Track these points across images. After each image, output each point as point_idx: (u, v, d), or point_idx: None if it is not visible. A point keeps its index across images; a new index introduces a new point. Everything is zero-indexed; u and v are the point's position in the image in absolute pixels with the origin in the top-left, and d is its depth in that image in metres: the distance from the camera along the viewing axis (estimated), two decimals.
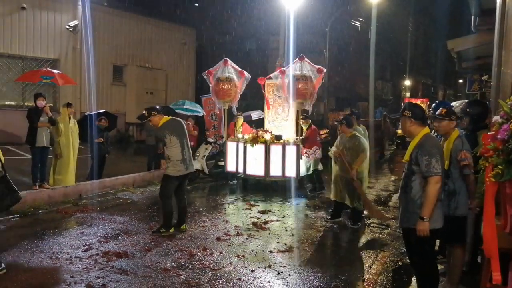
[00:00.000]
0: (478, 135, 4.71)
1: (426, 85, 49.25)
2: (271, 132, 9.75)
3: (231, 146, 10.10)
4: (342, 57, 29.78)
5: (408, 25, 39.87)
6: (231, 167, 10.09)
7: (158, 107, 6.61)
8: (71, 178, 8.57)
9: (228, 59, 10.34)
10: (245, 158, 9.64)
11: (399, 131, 21.57)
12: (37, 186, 7.90)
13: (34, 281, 4.45)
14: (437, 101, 9.83)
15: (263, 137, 9.50)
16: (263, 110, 11.45)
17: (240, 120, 10.76)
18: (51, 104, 8.54)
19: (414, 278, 4.69)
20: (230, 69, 10.19)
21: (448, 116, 4.40)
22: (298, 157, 9.37)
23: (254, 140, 9.48)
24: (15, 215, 6.92)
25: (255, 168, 9.54)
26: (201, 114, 12.41)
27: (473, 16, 8.54)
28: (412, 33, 40.78)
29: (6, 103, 15.10)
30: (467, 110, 4.97)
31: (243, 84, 10.30)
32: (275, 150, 9.40)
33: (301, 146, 9.48)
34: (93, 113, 9.86)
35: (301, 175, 9.57)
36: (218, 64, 10.37)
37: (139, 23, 19.43)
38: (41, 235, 5.95)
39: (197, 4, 25.88)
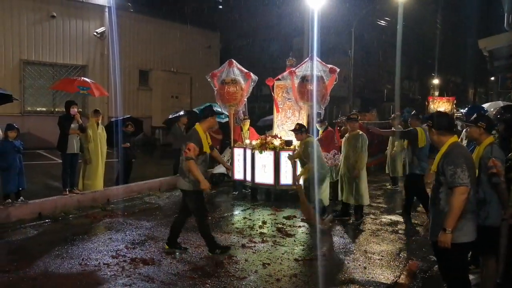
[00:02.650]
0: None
1: (456, 83, 48.09)
2: (280, 138, 9.18)
3: (238, 153, 9.54)
4: (368, 57, 29.41)
5: (436, 22, 38.97)
6: (238, 175, 9.53)
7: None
8: (99, 183, 8.77)
9: (233, 60, 9.72)
10: (253, 165, 9.10)
11: None
12: (67, 191, 8.11)
13: None
14: (469, 105, 9.55)
15: (272, 143, 8.96)
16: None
17: (247, 124, 10.20)
18: (80, 110, 8.74)
19: None
20: (235, 71, 9.58)
21: (475, 122, 4.26)
22: None
23: (263, 147, 8.95)
24: (47, 220, 7.12)
25: (264, 176, 9.00)
26: (223, 121, 12.19)
27: (505, 14, 8.28)
28: (440, 31, 39.84)
29: (38, 109, 15.59)
30: (502, 115, 4.81)
31: (250, 86, 9.65)
32: (286, 156, 8.76)
33: None
34: (119, 118, 10.04)
35: None
36: (223, 65, 9.80)
37: (164, 28, 19.70)
38: (71, 241, 6.09)
39: (220, 7, 26.04)
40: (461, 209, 3.51)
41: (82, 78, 10.09)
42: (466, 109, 6.97)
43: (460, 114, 10.24)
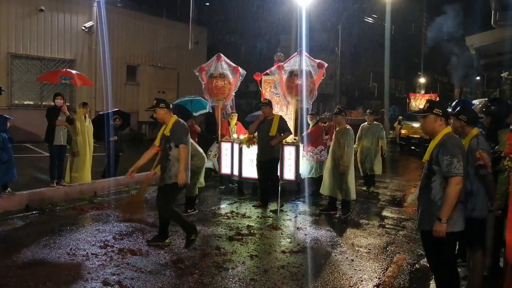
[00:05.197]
0: (499, 134, 4.62)
1: (442, 82, 48.60)
2: None
3: (225, 147, 9.51)
4: (355, 55, 29.58)
5: (423, 21, 39.33)
6: (225, 169, 9.50)
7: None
8: (87, 175, 8.75)
9: (221, 54, 9.65)
10: (240, 160, 9.09)
11: (403, 131, 20.20)
12: (55, 183, 8.06)
13: (53, 277, 4.53)
14: (456, 100, 9.57)
15: None
16: None
17: (234, 119, 10.19)
18: (68, 104, 8.71)
19: (432, 282, 4.58)
20: (223, 65, 9.50)
21: (456, 115, 4.31)
22: (298, 158, 8.85)
23: (250, 141, 8.84)
24: (34, 212, 7.06)
25: (251, 171, 8.89)
26: (197, 114, 12.00)
27: (493, 11, 8.37)
28: (427, 29, 40.20)
29: (25, 102, 15.44)
30: (488, 108, 4.87)
31: (238, 80, 9.59)
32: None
33: (302, 144, 8.98)
34: (107, 112, 9.99)
35: (302, 177, 9.06)
36: (211, 59, 9.73)
37: (152, 24, 19.62)
38: (59, 232, 6.05)
39: (208, 4, 25.97)
40: (456, 199, 3.53)
41: (66, 69, 10.08)
42: (453, 103, 7.02)
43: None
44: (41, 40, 15.52)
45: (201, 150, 7.49)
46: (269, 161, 7.96)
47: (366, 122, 10.06)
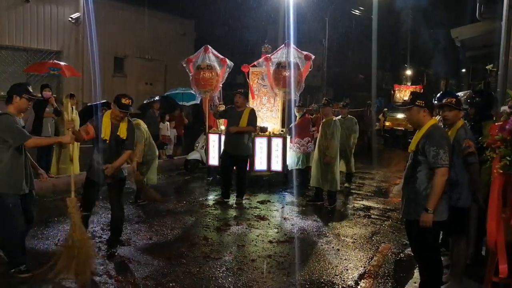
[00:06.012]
0: (483, 125, 4.68)
1: (428, 74, 48.98)
2: None
3: (213, 139, 9.55)
4: (342, 46, 29.63)
5: (409, 13, 39.52)
6: (213, 161, 9.51)
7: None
8: (75, 167, 8.69)
9: (209, 45, 9.59)
10: None
11: (387, 123, 19.98)
12: None
13: (40, 267, 4.50)
14: (442, 92, 9.55)
15: None
16: None
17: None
18: (55, 95, 8.65)
19: (416, 270, 4.67)
20: (211, 57, 9.47)
21: (458, 106, 4.31)
22: (285, 150, 8.98)
23: None
24: None
25: None
26: (188, 104, 11.92)
27: (477, 4, 8.43)
28: (413, 22, 40.42)
29: None
30: (473, 100, 4.94)
31: (226, 72, 9.61)
32: (260, 142, 8.94)
33: (288, 136, 9.08)
34: (95, 103, 9.93)
35: (289, 168, 9.15)
36: (199, 51, 9.71)
37: (140, 15, 19.43)
38: (46, 223, 6.06)
39: None
40: (442, 189, 3.59)
41: (54, 61, 10.02)
42: (438, 94, 7.04)
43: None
44: (27, 31, 15.29)
45: (154, 144, 7.52)
46: (237, 156, 7.68)
47: (340, 116, 9.46)
